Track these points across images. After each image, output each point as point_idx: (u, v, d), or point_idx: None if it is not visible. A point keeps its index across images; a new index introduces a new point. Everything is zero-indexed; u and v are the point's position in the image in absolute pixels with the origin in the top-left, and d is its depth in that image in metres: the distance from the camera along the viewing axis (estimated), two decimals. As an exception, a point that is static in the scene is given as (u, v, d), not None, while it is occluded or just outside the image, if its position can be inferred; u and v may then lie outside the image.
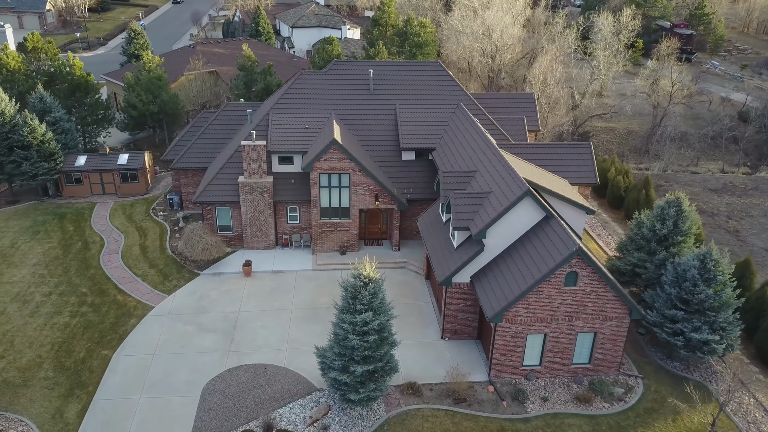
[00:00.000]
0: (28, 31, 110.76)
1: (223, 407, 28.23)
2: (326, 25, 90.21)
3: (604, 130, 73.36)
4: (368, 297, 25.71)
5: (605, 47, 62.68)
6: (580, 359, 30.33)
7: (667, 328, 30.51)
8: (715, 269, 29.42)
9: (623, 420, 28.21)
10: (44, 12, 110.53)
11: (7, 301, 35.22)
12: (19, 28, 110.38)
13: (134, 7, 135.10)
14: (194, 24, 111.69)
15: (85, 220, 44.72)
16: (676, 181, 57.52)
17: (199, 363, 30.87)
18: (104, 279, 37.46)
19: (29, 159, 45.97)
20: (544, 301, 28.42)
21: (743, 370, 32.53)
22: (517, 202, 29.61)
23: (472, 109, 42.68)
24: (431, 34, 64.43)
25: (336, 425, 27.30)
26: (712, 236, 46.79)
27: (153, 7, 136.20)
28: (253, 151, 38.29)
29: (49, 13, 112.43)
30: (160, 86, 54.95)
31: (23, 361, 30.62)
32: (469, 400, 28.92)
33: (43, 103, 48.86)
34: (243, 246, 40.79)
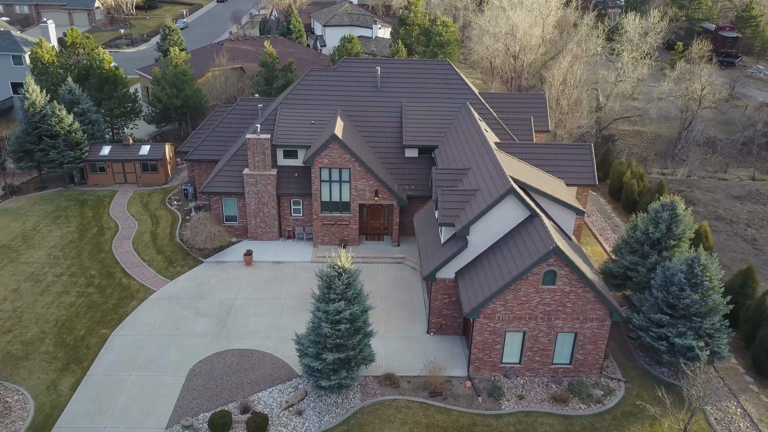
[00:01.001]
0: (78, 27, 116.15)
1: (205, 388, 29.38)
2: (358, 24, 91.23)
3: (630, 133, 72.00)
4: (342, 287, 26.38)
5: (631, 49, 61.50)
6: (561, 359, 30.26)
7: (652, 332, 30.15)
8: (703, 274, 28.91)
9: (598, 422, 28.05)
10: (93, 9, 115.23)
11: (22, 279, 37.35)
12: (69, 24, 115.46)
13: (180, 5, 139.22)
14: (234, 22, 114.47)
15: (105, 207, 46.85)
16: (698, 186, 56.17)
17: (190, 345, 32.15)
18: (113, 263, 39.27)
19: (56, 147, 48.42)
20: (522, 299, 28.51)
21: (737, 380, 31.84)
22: (500, 200, 29.77)
23: (478, 108, 42.84)
24: (454, 34, 64.56)
25: (310, 411, 28.09)
26: (727, 244, 45.73)
27: (198, 6, 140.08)
28: (258, 144, 39.46)
29: (98, 11, 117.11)
30: (184, 81, 56.90)
31: (28, 335, 32.52)
32: (444, 394, 29.25)
33: (72, 95, 51.30)
34: (248, 236, 42.03)
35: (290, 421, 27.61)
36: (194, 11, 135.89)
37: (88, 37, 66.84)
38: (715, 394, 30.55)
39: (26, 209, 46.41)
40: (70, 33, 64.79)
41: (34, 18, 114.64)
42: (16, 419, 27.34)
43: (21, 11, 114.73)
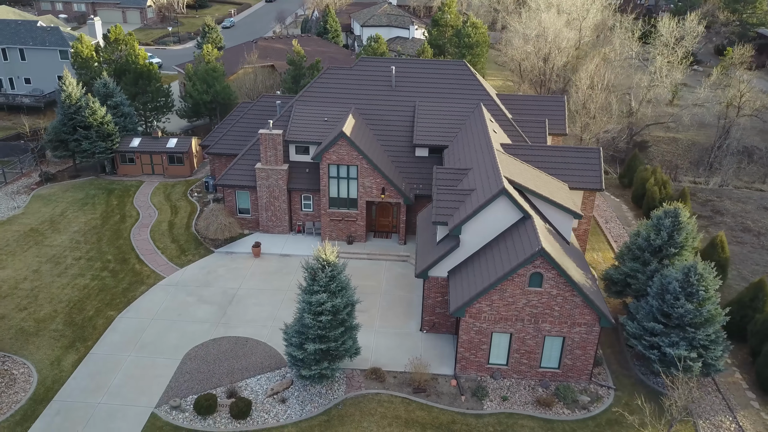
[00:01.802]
0: (131, 25, 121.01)
1: (198, 371, 30.45)
2: (395, 24, 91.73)
3: (665, 140, 70.12)
4: (325, 279, 26.94)
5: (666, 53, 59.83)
6: (549, 363, 29.99)
7: (645, 341, 29.56)
8: (699, 284, 28.16)
9: (580, 428, 27.71)
10: (145, 8, 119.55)
11: (44, 261, 39.44)
12: (123, 22, 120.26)
13: (229, 4, 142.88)
14: (278, 22, 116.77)
15: (130, 196, 48.85)
16: (729, 196, 54.34)
17: (189, 330, 33.32)
18: (129, 249, 40.99)
19: (89, 138, 50.79)
20: (509, 300, 28.43)
21: (738, 395, 30.87)
22: (492, 201, 29.75)
23: (492, 110, 42.72)
24: (483, 35, 64.27)
25: (293, 399, 28.76)
26: (750, 256, 44.19)
27: (246, 5, 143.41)
28: (270, 139, 40.47)
29: (150, 9, 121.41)
30: (215, 77, 58.66)
31: (41, 313, 34.36)
32: (428, 391, 29.44)
33: (106, 88, 53.66)
34: (259, 229, 43.11)
35: (273, 408, 28.34)
36: (242, 10, 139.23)
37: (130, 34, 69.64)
38: (711, 407, 29.72)
39: (58, 196, 48.85)
40: (113, 30, 67.56)
41: (90, 15, 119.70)
42: (19, 390, 29.00)
43: (79, 9, 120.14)
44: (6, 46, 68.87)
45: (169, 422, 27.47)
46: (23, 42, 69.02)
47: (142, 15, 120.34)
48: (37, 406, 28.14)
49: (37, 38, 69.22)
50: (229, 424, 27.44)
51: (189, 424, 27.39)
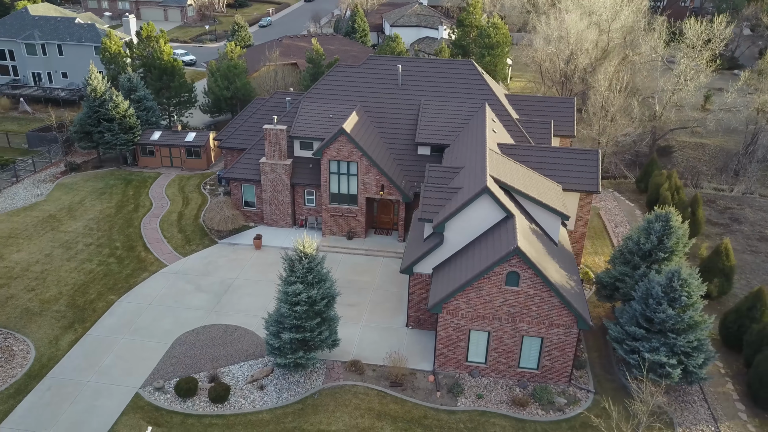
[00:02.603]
0: (171, 23, 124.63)
1: (185, 356, 31.51)
2: (424, 24, 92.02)
3: (692, 145, 68.32)
4: (302, 271, 27.57)
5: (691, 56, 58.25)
6: (528, 364, 29.88)
7: (626, 345, 29.17)
8: (682, 289, 27.64)
9: (552, 429, 27.57)
10: (185, 6, 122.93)
11: (56, 246, 41.32)
12: (164, 20, 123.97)
13: (268, 4, 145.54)
14: (313, 21, 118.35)
15: (146, 187, 50.62)
16: (750, 205, 52.73)
17: (183, 317, 34.47)
18: (137, 237, 42.55)
19: (111, 130, 52.80)
20: (485, 298, 28.48)
21: (727, 406, 30.15)
22: (474, 199, 29.85)
23: (497, 110, 42.64)
24: (504, 36, 63.88)
25: (272, 387, 29.49)
26: (763, 266, 42.90)
27: (285, 5, 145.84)
28: (274, 134, 41.39)
29: (190, 8, 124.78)
30: (235, 74, 60.11)
31: (47, 295, 36.09)
32: (405, 386, 29.74)
33: (130, 83, 55.70)
34: (263, 222, 44.11)
35: (251, 394, 29.14)
36: (280, 10, 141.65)
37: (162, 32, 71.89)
38: (695, 417, 29.14)
39: (79, 185, 51.00)
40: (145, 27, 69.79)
41: (133, 14, 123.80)
42: (16, 366, 30.61)
43: (123, 7, 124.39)
44: (45, 41, 72.08)
45: (150, 402, 28.57)
46: (61, 38, 72.11)
47: (182, 13, 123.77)
48: (30, 381, 29.65)
49: (74, 34, 72.19)
50: (207, 408, 28.35)
51: (169, 406, 28.43)
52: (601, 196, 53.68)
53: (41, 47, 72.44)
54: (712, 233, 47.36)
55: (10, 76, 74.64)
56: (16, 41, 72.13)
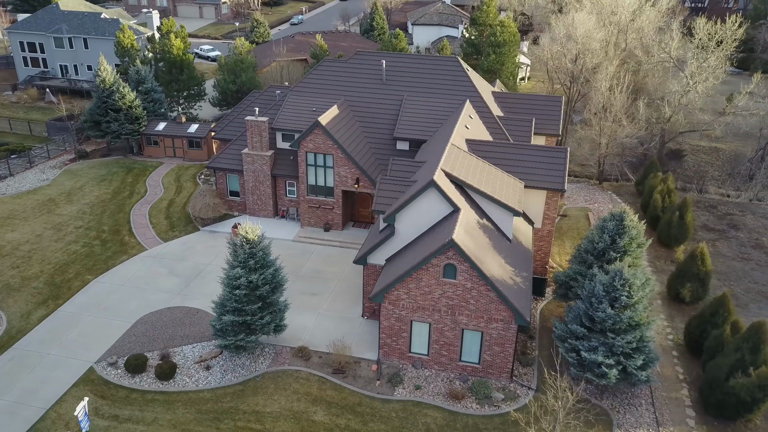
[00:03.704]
0: (206, 20, 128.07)
1: (143, 335, 32.80)
2: (445, 23, 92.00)
3: (705, 149, 66.25)
4: (243, 256, 28.41)
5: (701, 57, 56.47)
6: (470, 358, 29.91)
7: (568, 344, 28.87)
8: (622, 289, 27.22)
9: (483, 423, 27.56)
10: (219, 4, 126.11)
11: (48, 227, 43.46)
12: (199, 17, 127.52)
13: (303, 2, 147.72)
14: (343, 19, 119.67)
15: (145, 175, 52.54)
16: (754, 211, 50.94)
17: (151, 298, 35.82)
18: (125, 222, 44.31)
19: (118, 120, 55.04)
20: (425, 289, 28.69)
21: (676, 411, 29.51)
22: (422, 192, 30.07)
23: (478, 107, 42.57)
24: (511, 34, 63.35)
25: (217, 367, 30.43)
26: (751, 274, 41.51)
27: (320, 3, 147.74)
28: (256, 126, 42.44)
29: (225, 5, 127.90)
30: (242, 69, 61.63)
31: (29, 272, 38.07)
32: (347, 373, 30.21)
33: (138, 75, 57.85)
34: (247, 212, 45.24)
35: (197, 373, 30.16)
36: (315, 8, 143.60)
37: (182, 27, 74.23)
38: (637, 420, 28.62)
39: (84, 171, 53.35)
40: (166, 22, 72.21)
41: (170, 10, 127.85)
42: (-14, 336, 32.55)
43: (161, 4, 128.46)
44: (72, 35, 75.41)
45: (101, 376, 29.93)
46: (87, 32, 75.30)
47: (216, 11, 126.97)
48: (-4, 350, 31.50)
49: (99, 29, 75.26)
50: (153, 384, 29.52)
51: (118, 380, 29.72)
52: (597, 198, 52.87)
53: (68, 41, 75.81)
54: (706, 238, 45.98)
55: (40, 68, 78.36)
56: (46, 35, 75.72)
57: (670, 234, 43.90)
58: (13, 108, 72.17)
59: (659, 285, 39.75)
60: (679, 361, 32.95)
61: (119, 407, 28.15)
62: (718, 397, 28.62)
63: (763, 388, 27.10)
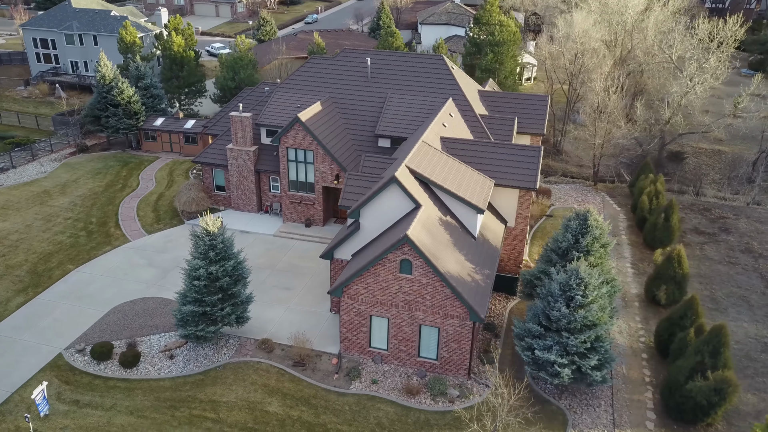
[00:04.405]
0: (222, 18, 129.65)
1: (114, 323, 33.53)
2: (454, 23, 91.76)
3: (707, 152, 65.08)
4: (203, 247, 28.90)
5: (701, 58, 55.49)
6: (428, 354, 29.99)
7: (525, 342, 28.76)
8: (577, 288, 27.05)
9: (435, 419, 27.64)
10: (235, 3, 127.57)
11: (39, 218, 44.61)
12: (215, 15, 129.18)
13: (321, 2, 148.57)
14: (356, 19, 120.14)
15: (140, 169, 53.57)
16: (748, 215, 50.01)
17: (127, 288, 36.58)
18: (112, 215, 45.27)
19: (116, 115, 56.20)
20: (382, 284, 28.86)
21: (636, 414, 29.24)
22: (384, 189, 30.23)
23: (461, 105, 42.57)
24: (509, 34, 63.02)
25: (180, 357, 30.99)
26: (736, 278, 40.85)
27: (336, 2, 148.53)
28: (239, 121, 43.02)
29: (240, 4, 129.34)
30: (241, 66, 62.39)
31: (14, 261, 39.16)
32: (307, 366, 30.52)
33: (138, 71, 58.98)
34: (232, 206, 45.86)
35: (160, 362, 30.75)
36: (330, 7, 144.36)
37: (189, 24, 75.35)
38: (593, 421, 28.42)
39: (81, 164, 54.59)
40: (172, 20, 73.46)
41: (188, 9, 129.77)
42: (-36, 322, 33.60)
43: (178, 2, 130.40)
44: (82, 32, 77.10)
45: (68, 362, 30.69)
46: (96, 29, 76.90)
47: (232, 10, 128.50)
48: (-29, 336, 32.49)
49: (108, 26, 76.79)
50: (116, 371, 30.19)
51: (83, 367, 30.45)
52: (589, 199, 52.40)
53: (79, 37, 77.51)
54: (693, 242, 45.36)
55: (52, 64, 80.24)
56: (57, 31, 77.51)
57: (655, 236, 43.37)
58: (24, 102, 74.06)
59: (638, 287, 39.45)
60: (647, 364, 32.62)
61: (81, 393, 28.86)
62: (677, 400, 28.32)
63: (719, 392, 26.75)
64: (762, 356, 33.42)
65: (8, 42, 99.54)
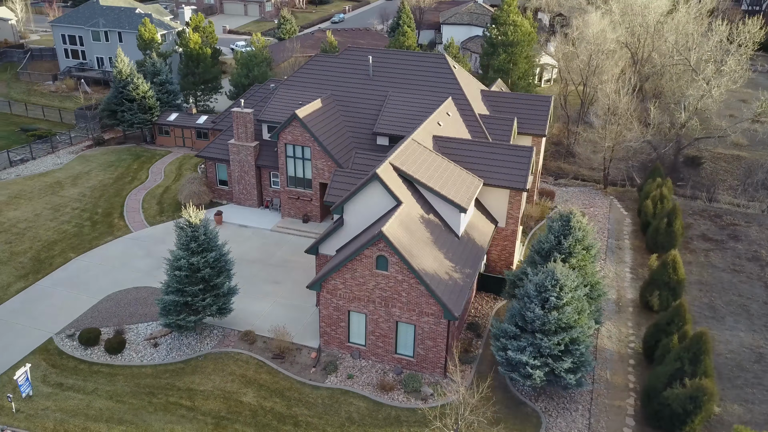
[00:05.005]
0: (250, 17, 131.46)
1: (106, 310, 34.46)
2: (475, 23, 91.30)
3: (727, 157, 63.28)
4: (185, 239, 29.50)
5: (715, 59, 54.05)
6: (405, 351, 30.03)
7: (499, 342, 28.57)
8: (552, 289, 26.76)
9: (405, 415, 27.66)
10: (264, 2, 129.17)
11: (48, 208, 46.04)
12: (243, 14, 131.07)
13: (350, 1, 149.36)
14: (381, 18, 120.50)
15: (151, 163, 54.81)
16: (760, 223, 48.65)
17: (123, 277, 37.53)
18: (118, 206, 46.43)
19: (131, 110, 57.64)
20: (360, 280, 29.02)
21: (615, 419, 28.80)
22: (366, 185, 30.40)
23: (460, 105, 42.44)
24: (523, 34, 62.42)
25: (164, 345, 31.68)
26: (738, 286, 39.88)
27: (365, 2, 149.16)
28: (241, 117, 43.70)
29: (269, 3, 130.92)
30: (255, 63, 63.26)
31: (19, 248, 40.53)
32: (287, 359, 30.87)
33: (154, 67, 60.35)
34: (233, 201, 46.59)
35: (144, 349, 31.49)
36: (359, 7, 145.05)
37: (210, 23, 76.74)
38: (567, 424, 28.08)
39: (95, 157, 56.12)
40: (194, 18, 74.94)
41: (217, 8, 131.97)
42: (-35, 304, 34.95)
43: (208, 1, 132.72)
44: (108, 29, 79.19)
45: (57, 347, 31.67)
46: (121, 26, 78.91)
47: (260, 9, 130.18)
48: (-30, 318, 33.79)
49: (133, 23, 78.67)
50: (102, 357, 31.02)
51: (71, 351, 31.38)
52: (596, 203, 51.63)
53: (104, 34, 79.65)
54: (699, 248, 44.34)
55: (79, 60, 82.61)
56: (84, 28, 79.79)
57: (657, 241, 42.50)
58: (51, 97, 76.47)
59: (634, 292, 38.71)
60: (633, 370, 32.05)
61: (65, 376, 29.75)
62: (655, 407, 27.80)
63: (694, 399, 26.14)
64: (754, 366, 32.51)
65: (43, 38, 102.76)
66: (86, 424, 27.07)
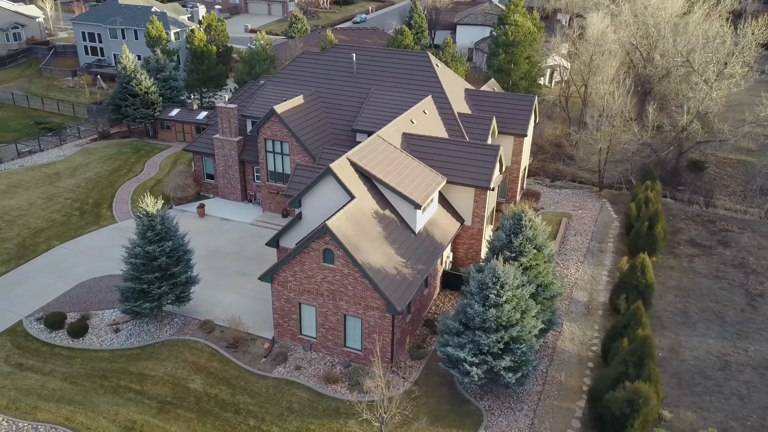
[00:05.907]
0: (273, 17, 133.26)
1: (78, 296, 35.60)
2: (489, 23, 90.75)
3: (732, 162, 61.55)
4: (142, 227, 30.33)
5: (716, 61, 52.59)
6: (353, 344, 30.26)
7: (442, 339, 28.54)
8: (492, 287, 26.65)
9: (344, 408, 27.88)
10: (287, 2, 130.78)
11: (44, 197, 47.72)
12: (267, 14, 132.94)
13: (373, 2, 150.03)
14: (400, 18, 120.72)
15: (149, 156, 56.22)
16: (755, 230, 47.22)
17: (101, 265, 38.69)
18: (109, 197, 47.82)
19: (134, 105, 59.26)
20: (308, 273, 29.37)
21: (561, 421, 28.52)
22: (319, 180, 30.72)
23: (440, 103, 42.45)
24: (524, 34, 61.85)
25: (125, 331, 32.60)
26: (718, 293, 38.93)
27: (389, 3, 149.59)
28: (225, 112, 44.55)
29: (292, 3, 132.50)
30: (257, 61, 64.29)
31: (7, 235, 42.15)
32: (240, 349, 31.43)
33: (158, 64, 61.89)
34: (219, 194, 47.49)
35: (106, 335, 32.47)
36: (382, 8, 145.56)
37: (221, 21, 78.26)
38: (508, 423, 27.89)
39: (97, 150, 57.86)
40: (206, 16, 76.58)
41: (242, 7, 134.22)
42: (-53, 286, 36.55)
43: (233, 1, 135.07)
44: (125, 26, 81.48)
45: (25, 329, 32.89)
46: (137, 24, 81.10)
47: (284, 8, 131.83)
48: (-52, 300, 35.32)
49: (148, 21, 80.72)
50: (64, 340, 32.11)
51: (37, 334, 32.56)
52: (588, 205, 50.91)
53: (121, 31, 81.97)
54: (684, 253, 43.36)
55: (98, 57, 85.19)
56: (103, 26, 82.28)
57: (638, 245, 41.70)
58: (68, 92, 79.09)
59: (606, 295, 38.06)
60: (590, 372, 31.61)
61: (27, 357, 30.90)
62: (598, 410, 27.40)
63: (631, 403, 25.68)
64: (717, 374, 31.69)
65: (70, 36, 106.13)
66: (37, 402, 28.08)
